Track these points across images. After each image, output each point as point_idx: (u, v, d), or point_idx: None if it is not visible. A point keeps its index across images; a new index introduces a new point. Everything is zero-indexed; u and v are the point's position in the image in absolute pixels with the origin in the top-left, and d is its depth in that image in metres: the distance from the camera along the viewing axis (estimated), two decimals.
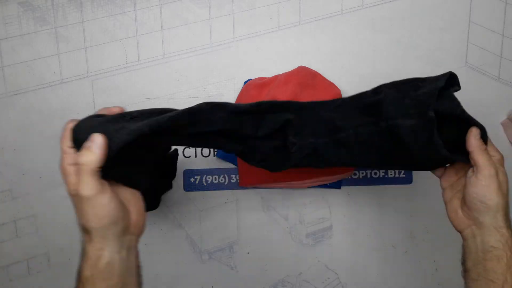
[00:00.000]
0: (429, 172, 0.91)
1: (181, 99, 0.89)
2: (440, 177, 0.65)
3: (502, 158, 0.61)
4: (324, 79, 0.87)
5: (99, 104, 0.88)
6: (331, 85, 0.87)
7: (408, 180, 0.91)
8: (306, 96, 0.80)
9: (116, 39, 0.86)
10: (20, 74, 0.88)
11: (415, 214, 0.91)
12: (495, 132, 0.91)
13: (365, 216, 0.92)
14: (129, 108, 0.88)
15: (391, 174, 0.91)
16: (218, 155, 0.88)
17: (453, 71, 0.88)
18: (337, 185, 0.90)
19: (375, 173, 0.91)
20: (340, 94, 0.86)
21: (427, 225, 0.91)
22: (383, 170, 0.91)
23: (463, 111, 0.62)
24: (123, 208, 0.59)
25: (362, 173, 0.91)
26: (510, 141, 0.90)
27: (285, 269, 0.91)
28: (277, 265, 0.91)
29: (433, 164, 0.66)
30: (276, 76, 0.86)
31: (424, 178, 0.91)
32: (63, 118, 0.86)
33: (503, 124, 0.90)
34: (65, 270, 0.88)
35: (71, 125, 0.61)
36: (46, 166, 0.88)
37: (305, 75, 0.84)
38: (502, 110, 0.91)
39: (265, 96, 0.82)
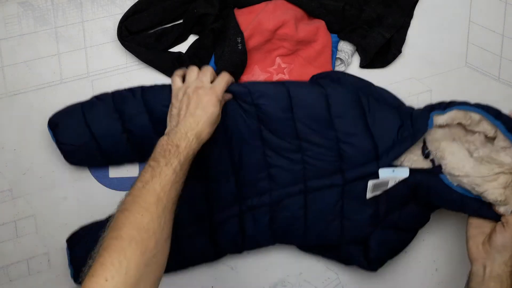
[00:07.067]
0: None
1: None
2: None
3: None
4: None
5: None
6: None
7: None
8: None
9: (116, 39, 0.86)
10: (20, 74, 0.88)
11: None
12: None
13: None
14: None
15: None
16: None
17: (453, 71, 0.88)
18: None
19: None
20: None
21: (427, 225, 0.91)
22: None
23: None
24: None
25: None
26: None
27: (285, 269, 0.91)
28: (277, 265, 0.91)
29: None
30: (265, 3, 0.88)
31: None
32: None
33: None
34: (65, 270, 0.88)
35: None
36: (46, 166, 0.88)
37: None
38: (502, 110, 0.91)
39: (252, 20, 0.85)
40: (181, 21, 0.88)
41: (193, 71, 0.76)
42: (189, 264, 0.87)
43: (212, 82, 0.76)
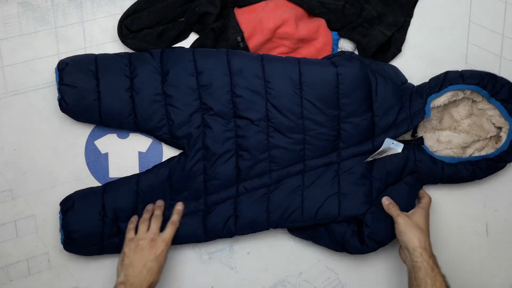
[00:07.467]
0: None
1: None
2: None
3: (428, 201, 0.86)
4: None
5: None
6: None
7: None
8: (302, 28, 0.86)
9: (116, 39, 0.86)
10: (20, 74, 0.88)
11: None
12: None
13: None
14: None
15: None
16: None
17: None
18: None
19: None
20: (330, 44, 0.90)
21: None
22: None
23: None
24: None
25: None
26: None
27: (285, 269, 0.91)
28: (277, 265, 0.91)
29: None
30: (265, 2, 0.88)
31: None
32: (63, 118, 0.87)
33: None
34: (65, 270, 0.88)
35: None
36: (46, 166, 0.88)
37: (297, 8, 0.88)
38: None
39: (253, 19, 0.85)
40: (182, 19, 0.88)
41: (144, 224, 0.83)
42: (177, 242, 0.86)
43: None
